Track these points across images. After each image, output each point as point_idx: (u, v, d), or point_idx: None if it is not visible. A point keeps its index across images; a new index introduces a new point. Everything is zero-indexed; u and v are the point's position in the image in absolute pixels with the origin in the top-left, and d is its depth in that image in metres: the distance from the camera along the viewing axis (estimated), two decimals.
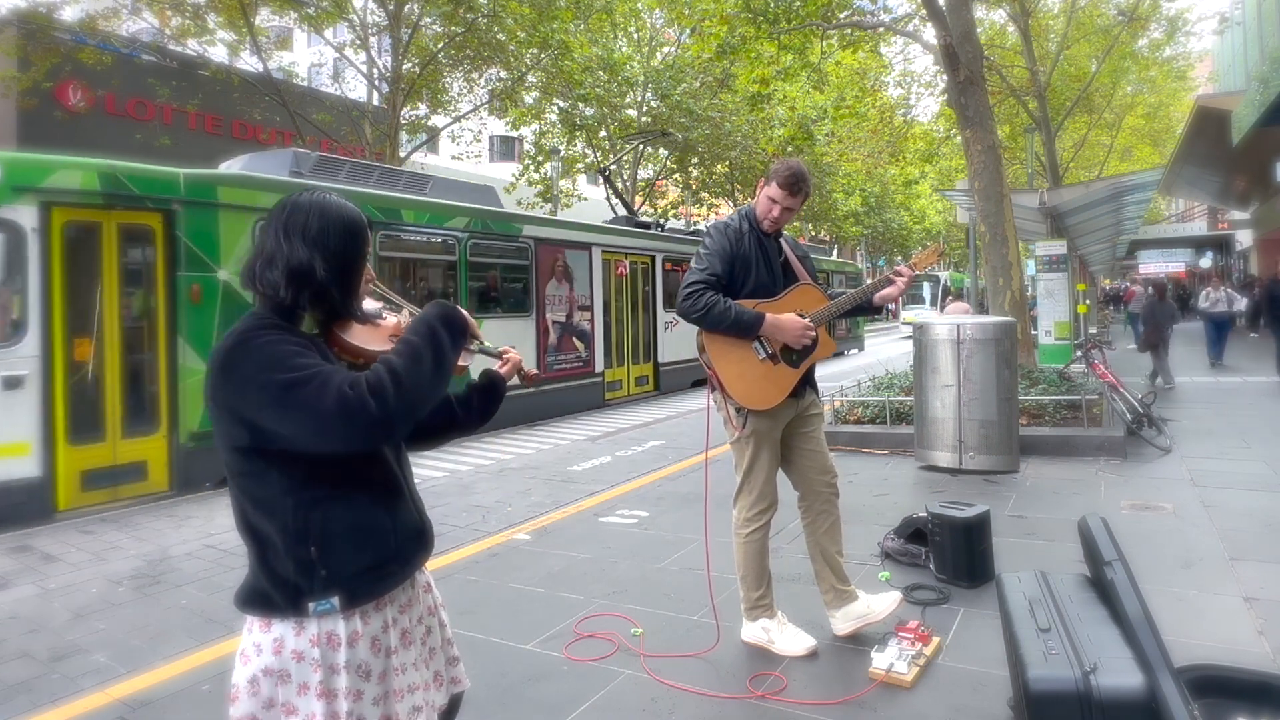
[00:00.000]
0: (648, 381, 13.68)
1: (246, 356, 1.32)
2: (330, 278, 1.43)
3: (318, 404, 1.26)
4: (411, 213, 9.07)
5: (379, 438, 1.31)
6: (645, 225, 14.61)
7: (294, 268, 1.40)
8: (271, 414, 1.29)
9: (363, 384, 1.28)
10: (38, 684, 3.19)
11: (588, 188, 27.54)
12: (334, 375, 1.29)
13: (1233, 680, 2.11)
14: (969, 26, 8.91)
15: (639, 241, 13.59)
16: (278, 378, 1.28)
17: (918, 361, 6.57)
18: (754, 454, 3.08)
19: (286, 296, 1.41)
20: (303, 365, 1.31)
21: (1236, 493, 5.26)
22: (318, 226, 1.43)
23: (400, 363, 1.33)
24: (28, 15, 12.94)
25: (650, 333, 13.73)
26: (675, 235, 14.99)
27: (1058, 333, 12.24)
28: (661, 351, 13.83)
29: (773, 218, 3.08)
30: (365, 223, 1.52)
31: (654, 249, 13.86)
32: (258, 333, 1.35)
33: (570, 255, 11.67)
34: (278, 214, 1.45)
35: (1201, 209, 35.66)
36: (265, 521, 1.37)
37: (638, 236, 13.63)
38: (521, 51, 16.99)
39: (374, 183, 9.22)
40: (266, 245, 1.43)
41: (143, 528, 5.74)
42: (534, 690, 2.90)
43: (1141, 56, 21.70)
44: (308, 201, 1.46)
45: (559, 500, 5.99)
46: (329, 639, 1.37)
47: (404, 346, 1.38)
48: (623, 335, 12.97)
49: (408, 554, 1.50)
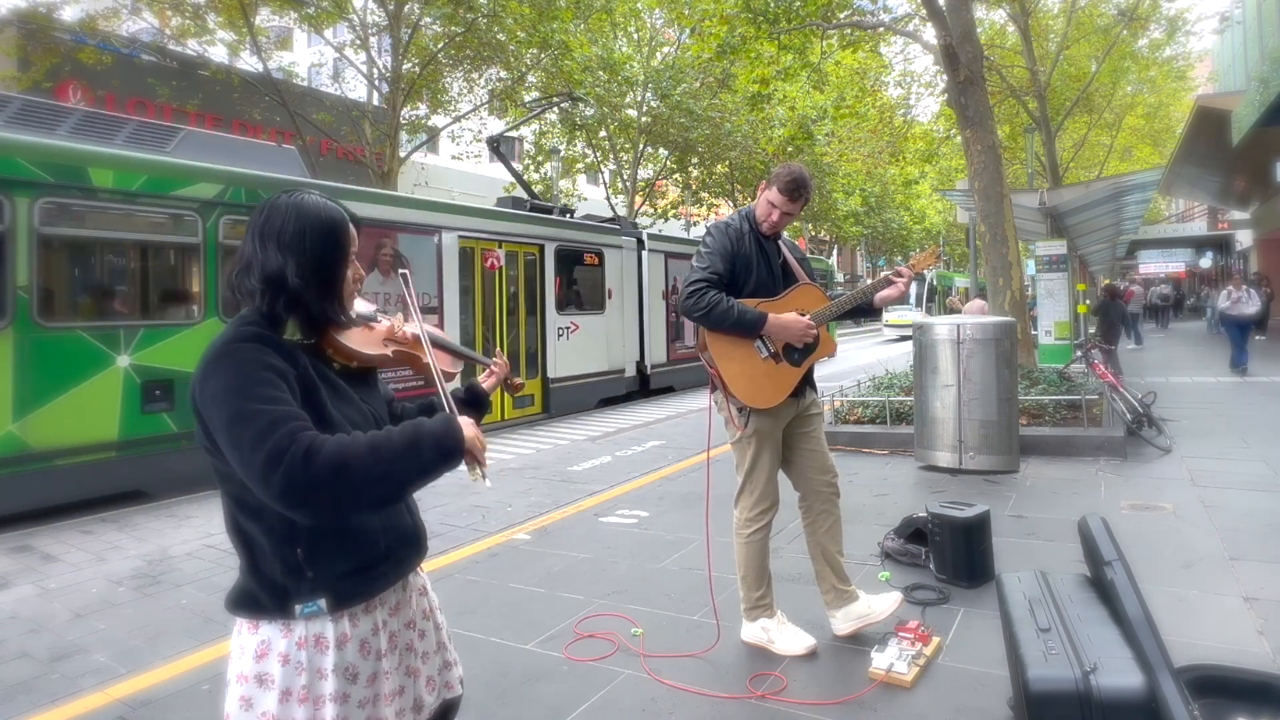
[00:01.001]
0: (533, 402, 10.89)
1: (220, 370, 1.28)
2: (304, 284, 1.37)
3: (249, 452, 1.20)
4: (109, 172, 6.32)
5: (281, 507, 1.21)
6: (546, 209, 12.02)
7: (268, 275, 1.36)
8: (220, 435, 1.26)
9: (304, 446, 1.19)
10: (38, 684, 3.19)
11: (588, 188, 27.55)
12: (281, 426, 1.21)
13: (1233, 680, 2.11)
14: (969, 26, 8.90)
15: (521, 227, 10.82)
16: (236, 404, 1.24)
17: (918, 361, 6.58)
18: (755, 454, 3.08)
19: (263, 304, 1.36)
20: (262, 396, 1.24)
21: (1236, 493, 5.26)
22: (293, 230, 1.38)
23: (361, 448, 1.24)
24: (28, 15, 12.94)
25: (538, 340, 11.01)
26: (580, 223, 12.36)
27: (1058, 333, 12.25)
28: (553, 364, 11.11)
29: (771, 221, 3.09)
30: (347, 222, 1.45)
31: (545, 237, 11.09)
32: (238, 345, 1.31)
33: (407, 241, 9.04)
34: (256, 216, 1.41)
35: (1201, 209, 35.65)
36: (252, 523, 1.35)
37: (519, 220, 10.87)
38: (521, 51, 16.99)
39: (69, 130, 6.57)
40: (245, 251, 1.39)
41: (143, 528, 5.74)
42: (534, 690, 2.89)
43: (1141, 56, 21.71)
44: (285, 203, 1.41)
45: (559, 500, 5.99)
46: (316, 641, 1.35)
47: (383, 436, 1.28)
48: (494, 344, 10.34)
49: (398, 556, 1.48)
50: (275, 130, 16.36)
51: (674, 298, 13.67)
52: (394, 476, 1.26)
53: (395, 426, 1.33)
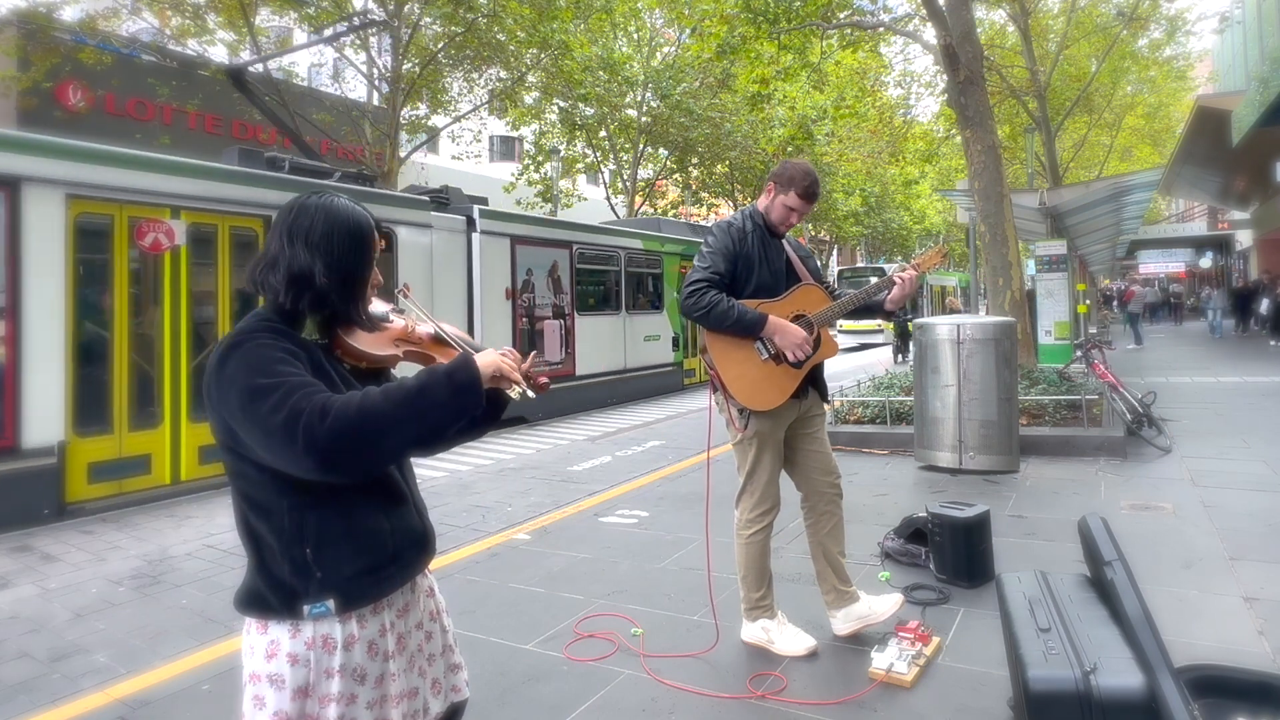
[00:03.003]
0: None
1: (235, 357, 1.32)
2: (331, 284, 1.41)
3: (269, 418, 1.23)
4: None
5: (314, 470, 1.24)
6: (277, 163, 8.12)
7: (295, 273, 1.39)
8: (237, 419, 1.29)
9: (319, 408, 1.23)
10: (38, 684, 3.19)
11: (588, 188, 27.55)
12: (297, 391, 1.25)
13: (1233, 680, 2.11)
14: (969, 26, 8.91)
15: (225, 188, 7.10)
16: (250, 383, 1.27)
17: (918, 361, 6.58)
18: (756, 456, 3.07)
19: (286, 301, 1.40)
20: (278, 373, 1.28)
21: (1236, 493, 5.26)
22: (321, 231, 1.42)
23: (376, 401, 1.27)
24: (28, 15, 12.93)
25: None
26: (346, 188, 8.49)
27: (1058, 333, 12.25)
28: None
29: (789, 224, 3.13)
30: (373, 227, 1.49)
31: (262, 206, 7.33)
32: (253, 334, 1.35)
33: None
34: (284, 215, 1.44)
35: (1201, 209, 35.66)
36: (261, 523, 1.36)
37: (218, 179, 7.11)
38: (521, 51, 16.99)
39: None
40: (271, 247, 1.43)
41: (143, 528, 5.74)
42: (534, 690, 2.89)
43: (1141, 56, 21.72)
44: (315, 204, 1.44)
45: (559, 500, 5.99)
46: (324, 643, 1.36)
47: (396, 388, 1.32)
48: (158, 380, 6.71)
49: (407, 558, 1.49)
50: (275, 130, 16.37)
51: (525, 296, 10.92)
52: (415, 420, 1.29)
53: (410, 379, 1.36)
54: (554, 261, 11.61)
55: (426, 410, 1.31)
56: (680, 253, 15.04)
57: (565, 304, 11.75)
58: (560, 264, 11.73)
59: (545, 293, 11.43)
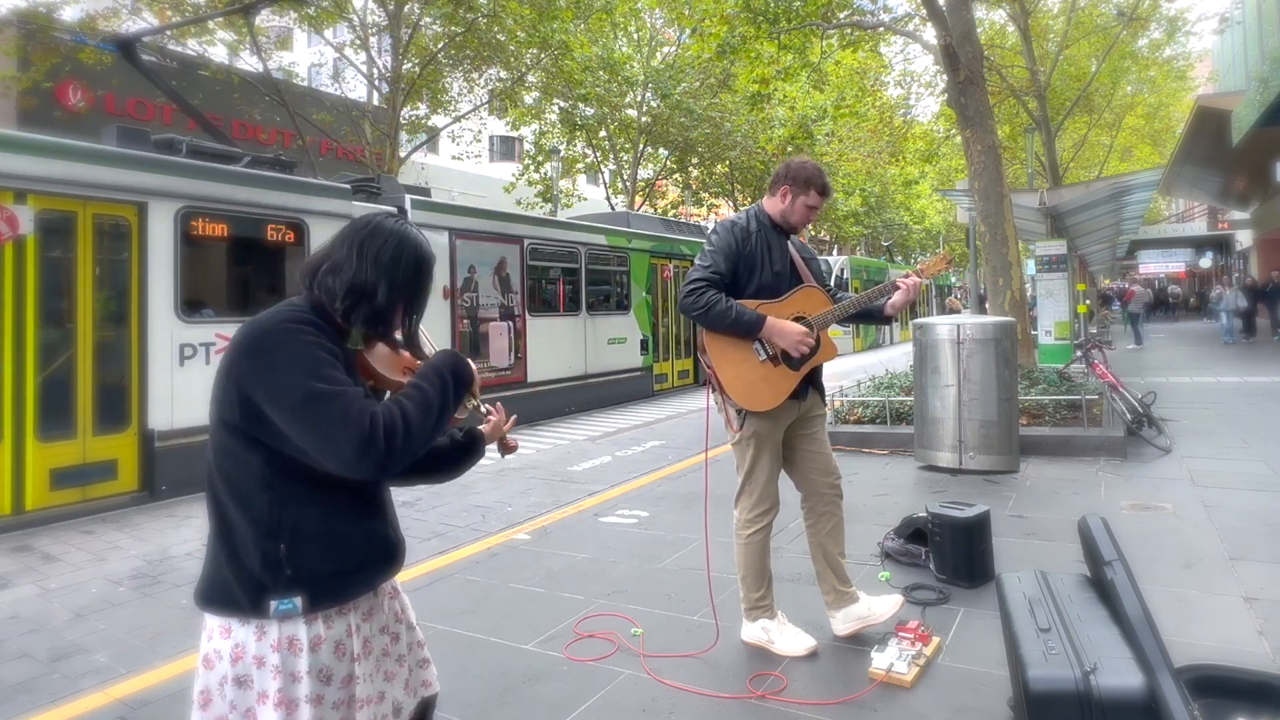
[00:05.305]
0: (111, 473, 6.31)
1: (284, 346, 1.35)
2: (389, 305, 1.49)
3: (337, 427, 1.29)
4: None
5: (376, 475, 1.34)
6: (174, 145, 7.21)
7: (356, 285, 1.46)
8: (286, 414, 1.31)
9: (380, 421, 1.32)
10: (38, 684, 3.19)
11: (588, 188, 27.55)
12: (355, 401, 1.32)
13: (1233, 680, 2.11)
14: (969, 26, 8.91)
15: (87, 170, 6.16)
16: (308, 383, 1.31)
17: (918, 361, 6.58)
18: (755, 456, 3.07)
19: (339, 306, 1.45)
20: (333, 379, 1.34)
21: (1236, 493, 5.26)
22: (391, 254, 1.49)
23: (414, 410, 1.38)
24: (28, 15, 12.93)
25: (128, 370, 6.46)
26: (246, 173, 7.45)
27: (1058, 333, 12.25)
28: (168, 409, 6.55)
29: (809, 222, 3.16)
30: (434, 261, 1.59)
31: (153, 190, 6.55)
32: (301, 326, 1.38)
33: None
34: (359, 229, 1.51)
35: (1201, 209, 35.66)
36: (238, 510, 1.37)
37: (76, 157, 6.12)
38: (521, 51, 16.99)
39: None
40: (337, 254, 1.48)
41: (143, 528, 5.74)
42: (534, 690, 2.89)
43: (1141, 56, 21.72)
44: (390, 227, 1.52)
45: (559, 500, 5.99)
46: (290, 644, 1.36)
47: (417, 393, 1.42)
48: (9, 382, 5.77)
49: (376, 567, 1.51)
50: (275, 130, 16.38)
51: (467, 296, 10.16)
52: (441, 417, 1.45)
53: (422, 380, 1.46)
54: (501, 258, 10.68)
55: (446, 410, 1.47)
56: (650, 249, 14.09)
57: (515, 304, 10.80)
58: (509, 260, 10.78)
59: (491, 292, 10.48)
